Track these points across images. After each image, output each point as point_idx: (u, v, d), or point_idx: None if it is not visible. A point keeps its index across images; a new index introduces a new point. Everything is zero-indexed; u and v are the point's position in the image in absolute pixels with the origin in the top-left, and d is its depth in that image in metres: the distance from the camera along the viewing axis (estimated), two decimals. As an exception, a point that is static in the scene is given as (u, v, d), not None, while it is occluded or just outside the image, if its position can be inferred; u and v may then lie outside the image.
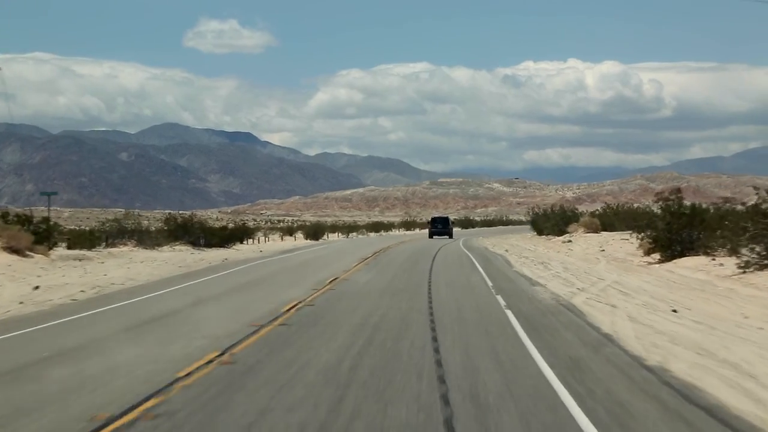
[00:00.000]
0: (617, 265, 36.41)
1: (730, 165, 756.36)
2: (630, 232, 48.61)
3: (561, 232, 72.26)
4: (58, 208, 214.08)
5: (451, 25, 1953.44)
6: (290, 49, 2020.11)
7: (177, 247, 58.05)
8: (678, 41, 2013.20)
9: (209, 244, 62.06)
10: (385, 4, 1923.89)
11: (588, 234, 66.34)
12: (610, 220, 72.86)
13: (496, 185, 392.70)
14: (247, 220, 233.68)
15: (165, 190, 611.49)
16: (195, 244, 60.74)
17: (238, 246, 69.10)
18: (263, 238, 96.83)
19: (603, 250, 46.86)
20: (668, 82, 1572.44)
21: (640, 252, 39.95)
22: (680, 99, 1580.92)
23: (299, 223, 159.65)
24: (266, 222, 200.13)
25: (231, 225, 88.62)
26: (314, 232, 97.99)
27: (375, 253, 50.29)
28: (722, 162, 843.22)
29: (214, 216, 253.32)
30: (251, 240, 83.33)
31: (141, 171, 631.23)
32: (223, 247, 63.32)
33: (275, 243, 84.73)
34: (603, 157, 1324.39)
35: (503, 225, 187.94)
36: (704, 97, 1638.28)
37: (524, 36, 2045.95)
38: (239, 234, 77.86)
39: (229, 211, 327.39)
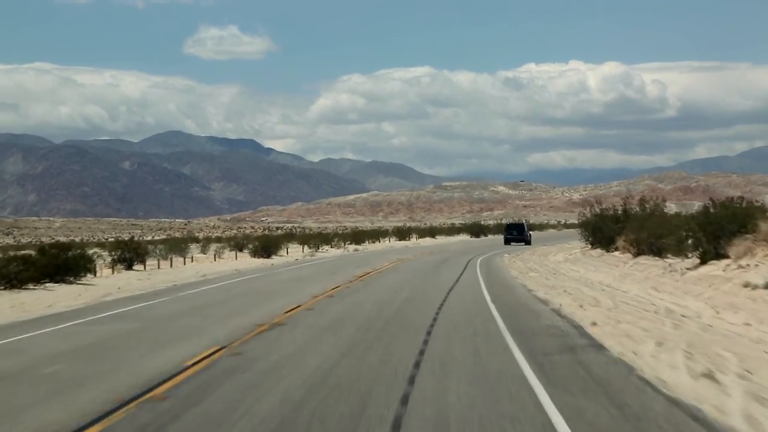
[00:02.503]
0: None
1: (736, 164, 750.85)
2: None
3: (705, 255, 32.54)
4: (51, 218, 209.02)
5: (452, 28, 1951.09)
6: (291, 54, 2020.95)
7: None
8: (680, 41, 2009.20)
9: (22, 280, 36.18)
10: (384, 9, 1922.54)
11: None
12: None
13: (501, 188, 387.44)
14: (245, 227, 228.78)
15: (168, 199, 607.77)
16: None
17: (95, 280, 41.80)
18: (199, 255, 76.06)
19: None
20: (671, 82, 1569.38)
21: None
22: (684, 99, 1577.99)
23: (298, 230, 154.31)
24: (264, 230, 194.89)
25: (125, 238, 67.18)
26: (264, 247, 69.98)
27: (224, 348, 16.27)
28: (728, 161, 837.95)
29: (212, 224, 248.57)
30: (146, 263, 55.95)
31: (144, 179, 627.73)
32: (51, 281, 38.56)
33: (192, 267, 55.01)
34: (607, 159, 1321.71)
35: None
36: (708, 97, 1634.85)
37: (525, 38, 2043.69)
38: (125, 256, 52.23)
39: (229, 218, 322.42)
